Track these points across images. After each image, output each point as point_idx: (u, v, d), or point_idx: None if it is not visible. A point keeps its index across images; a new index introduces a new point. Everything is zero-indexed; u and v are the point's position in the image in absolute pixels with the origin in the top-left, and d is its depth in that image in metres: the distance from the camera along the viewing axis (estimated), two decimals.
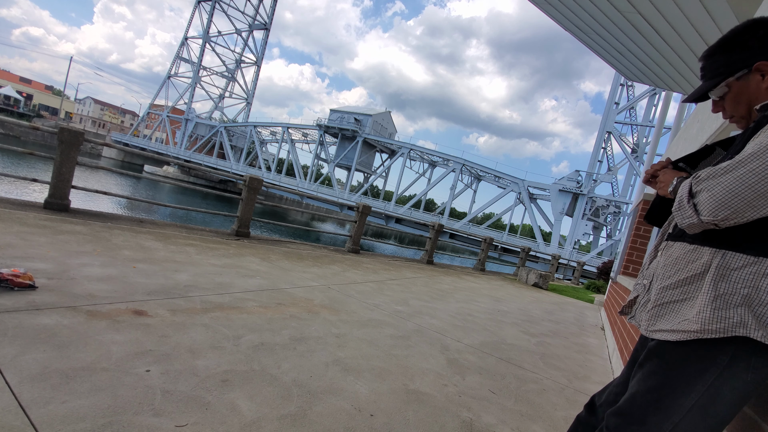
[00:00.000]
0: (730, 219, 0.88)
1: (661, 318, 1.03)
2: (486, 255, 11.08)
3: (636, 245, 5.61)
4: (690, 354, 0.96)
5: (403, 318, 3.61)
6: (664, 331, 1.01)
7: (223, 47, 71.25)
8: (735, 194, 0.87)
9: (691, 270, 1.00)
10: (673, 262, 1.05)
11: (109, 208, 18.47)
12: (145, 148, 61.28)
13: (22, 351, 1.63)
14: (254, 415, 1.57)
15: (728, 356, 0.92)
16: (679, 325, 0.98)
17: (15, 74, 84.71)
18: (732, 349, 0.92)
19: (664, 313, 1.03)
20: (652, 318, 1.05)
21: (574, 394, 2.71)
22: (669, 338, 0.99)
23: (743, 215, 0.87)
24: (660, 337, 1.01)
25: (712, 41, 1.21)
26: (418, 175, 48.85)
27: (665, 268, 1.07)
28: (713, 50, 1.11)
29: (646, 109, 38.58)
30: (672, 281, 1.03)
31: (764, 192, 0.84)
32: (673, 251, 1.07)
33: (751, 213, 0.86)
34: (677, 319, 0.99)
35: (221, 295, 2.98)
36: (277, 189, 17.61)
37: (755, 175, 0.85)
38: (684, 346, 0.97)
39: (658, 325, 1.03)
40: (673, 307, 1.01)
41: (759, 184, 0.84)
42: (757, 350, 0.90)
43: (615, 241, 34.56)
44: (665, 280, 1.06)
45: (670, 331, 0.99)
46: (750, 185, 0.85)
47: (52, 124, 52.74)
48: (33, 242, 3.19)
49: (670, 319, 1.01)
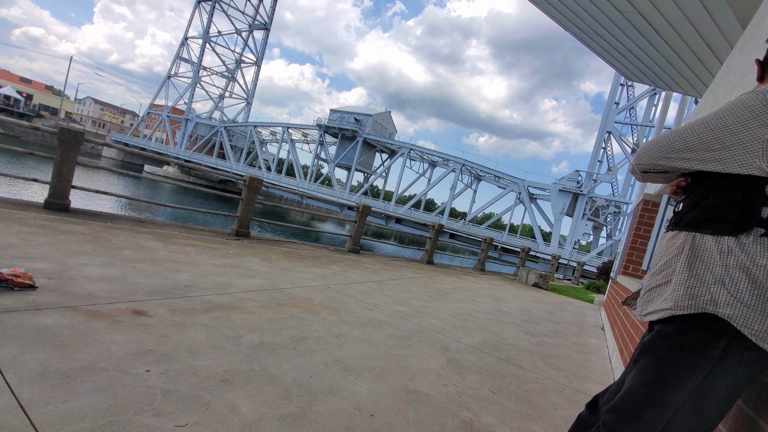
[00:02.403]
0: (644, 164, 1.10)
1: (650, 302, 1.08)
2: (486, 255, 11.08)
3: (636, 245, 5.61)
4: (682, 349, 0.98)
5: (403, 318, 3.61)
6: (651, 312, 1.06)
7: (223, 47, 71.31)
8: (654, 145, 1.08)
9: (670, 254, 1.05)
10: (661, 250, 1.11)
11: (109, 208, 18.47)
12: (145, 148, 61.29)
13: (22, 351, 1.63)
14: (254, 415, 1.57)
15: (720, 351, 0.93)
16: (660, 304, 1.03)
17: (15, 74, 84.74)
18: (724, 343, 0.93)
19: (653, 297, 1.07)
20: (644, 303, 1.10)
21: (574, 394, 2.71)
22: (652, 318, 1.04)
23: (655, 162, 1.08)
24: (647, 318, 1.07)
25: (712, 41, 1.21)
26: (418, 175, 48.85)
27: (655, 257, 1.14)
28: None
29: (646, 109, 38.56)
30: (657, 267, 1.09)
31: (676, 148, 1.03)
32: (662, 240, 1.13)
33: (663, 162, 1.06)
34: (659, 300, 1.04)
35: (221, 295, 2.98)
36: (277, 189, 17.61)
37: (675, 134, 1.04)
38: (676, 341, 0.99)
39: (648, 308, 1.08)
40: (659, 291, 1.06)
41: (676, 141, 1.03)
42: (748, 345, 0.91)
43: (615, 241, 34.55)
44: (653, 267, 1.11)
45: (654, 312, 1.04)
46: (668, 140, 1.04)
47: (52, 124, 52.72)
48: (33, 242, 3.19)
49: (656, 302, 1.06)
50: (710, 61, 4.44)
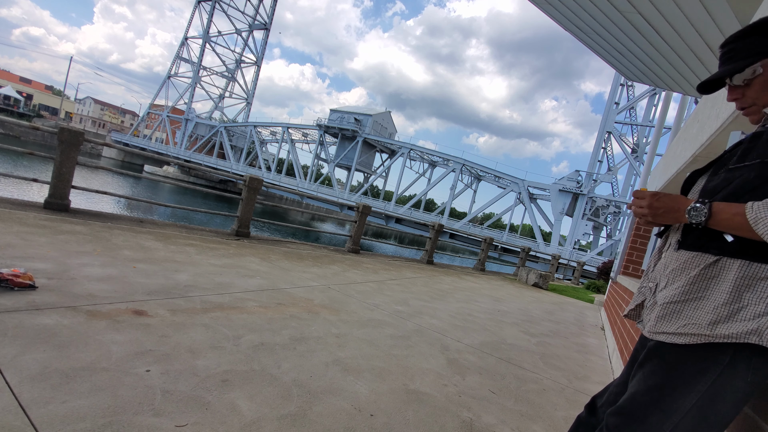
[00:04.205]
0: None
1: (664, 319, 1.02)
2: (486, 255, 11.08)
3: (636, 245, 5.61)
4: (691, 354, 0.96)
5: (403, 318, 3.61)
6: (669, 333, 1.00)
7: (223, 47, 71.33)
8: None
9: (697, 271, 0.99)
10: (681, 265, 1.04)
11: (109, 208, 18.47)
12: (145, 148, 61.28)
13: (22, 351, 1.63)
14: (254, 415, 1.57)
15: (729, 356, 0.92)
16: (686, 328, 0.97)
17: (15, 74, 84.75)
18: (733, 349, 0.91)
19: (667, 314, 1.02)
20: (656, 320, 1.04)
21: (574, 394, 2.71)
22: (676, 341, 0.97)
23: None
24: (665, 339, 1.00)
25: (712, 41, 1.20)
26: (418, 175, 48.85)
27: (674, 272, 1.06)
28: (748, 31, 1.07)
29: (646, 109, 38.56)
30: (678, 283, 1.02)
31: None
32: (681, 254, 1.06)
33: None
34: (682, 321, 0.98)
35: (221, 295, 2.98)
36: (277, 189, 17.60)
37: None
38: (685, 346, 0.97)
39: (662, 327, 1.02)
40: (677, 308, 1.00)
41: None
42: (757, 351, 0.90)
43: (615, 241, 34.55)
44: (672, 282, 1.04)
45: (676, 333, 0.98)
46: None
47: (52, 124, 52.78)
48: (33, 242, 3.19)
49: (675, 321, 0.99)
50: (710, 61, 4.44)
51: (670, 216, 1.04)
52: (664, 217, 1.06)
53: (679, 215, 1.02)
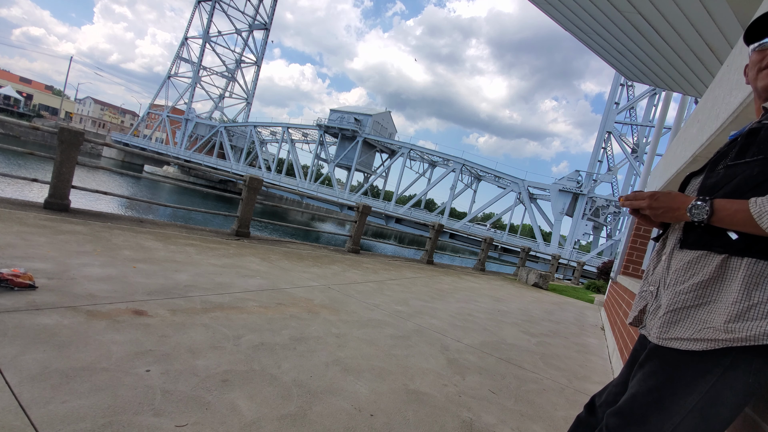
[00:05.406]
0: None
1: (675, 325, 0.99)
2: (486, 255, 11.08)
3: (636, 245, 5.61)
4: (692, 355, 0.95)
5: (403, 318, 3.61)
6: (682, 339, 0.97)
7: (223, 47, 71.32)
8: None
9: (707, 274, 0.96)
10: (685, 266, 1.02)
11: (109, 208, 18.47)
12: (145, 148, 61.28)
13: (22, 351, 1.63)
14: (254, 415, 1.57)
15: (730, 358, 0.91)
16: (701, 333, 0.94)
17: (15, 74, 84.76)
18: (734, 351, 0.91)
19: (678, 320, 0.99)
20: (665, 325, 1.01)
21: (574, 394, 2.71)
22: (693, 347, 0.95)
23: None
24: (678, 346, 0.97)
25: (712, 41, 1.20)
26: (418, 175, 48.87)
27: (677, 272, 1.03)
28: None
29: (646, 109, 38.54)
30: (686, 286, 1.00)
31: None
32: (684, 254, 1.04)
33: None
34: (697, 327, 0.95)
35: (221, 295, 2.98)
36: (277, 189, 17.60)
37: None
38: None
39: (674, 333, 0.99)
40: (688, 313, 0.98)
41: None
42: (759, 352, 0.89)
43: (615, 241, 34.54)
44: (678, 285, 1.01)
45: (691, 339, 0.95)
46: None
47: (52, 124, 52.73)
48: (33, 242, 3.19)
49: (688, 327, 0.97)
50: (710, 61, 4.44)
51: (671, 215, 1.03)
52: (664, 217, 1.05)
53: (679, 213, 1.00)
